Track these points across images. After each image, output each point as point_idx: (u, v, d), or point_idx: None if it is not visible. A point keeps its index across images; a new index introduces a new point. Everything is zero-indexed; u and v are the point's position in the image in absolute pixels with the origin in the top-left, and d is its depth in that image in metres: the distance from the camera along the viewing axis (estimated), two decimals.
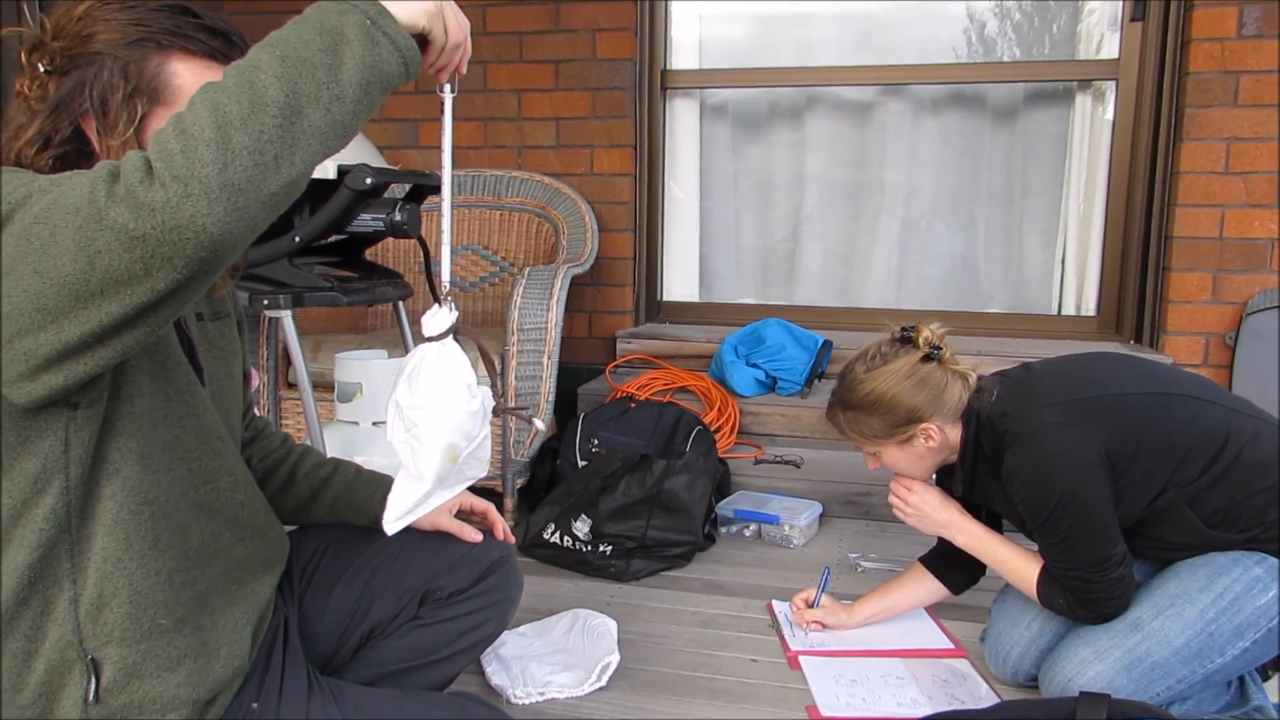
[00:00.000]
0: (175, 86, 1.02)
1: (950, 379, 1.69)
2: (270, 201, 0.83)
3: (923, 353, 1.69)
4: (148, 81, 1.01)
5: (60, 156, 1.01)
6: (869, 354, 1.74)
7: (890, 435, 1.71)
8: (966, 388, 1.70)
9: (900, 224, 3.63)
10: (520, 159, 3.57)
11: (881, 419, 1.70)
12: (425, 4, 0.92)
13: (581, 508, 2.42)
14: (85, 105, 1.01)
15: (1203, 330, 3.11)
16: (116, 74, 1.00)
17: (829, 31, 3.58)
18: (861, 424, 1.73)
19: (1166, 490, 1.59)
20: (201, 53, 1.04)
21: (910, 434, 1.70)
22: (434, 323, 1.06)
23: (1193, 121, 3.03)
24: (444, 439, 1.03)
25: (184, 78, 1.02)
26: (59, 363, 0.86)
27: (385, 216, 1.91)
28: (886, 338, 1.75)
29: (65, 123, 1.01)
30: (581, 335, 3.60)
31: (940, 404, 1.68)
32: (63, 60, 1.01)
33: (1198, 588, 1.59)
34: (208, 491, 1.11)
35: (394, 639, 1.41)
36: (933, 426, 1.69)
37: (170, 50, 1.02)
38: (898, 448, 1.74)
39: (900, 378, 1.68)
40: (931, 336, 1.70)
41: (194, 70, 1.03)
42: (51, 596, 0.99)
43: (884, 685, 1.79)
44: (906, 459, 1.75)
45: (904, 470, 1.79)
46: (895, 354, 1.70)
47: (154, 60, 1.02)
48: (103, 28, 1.01)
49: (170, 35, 1.02)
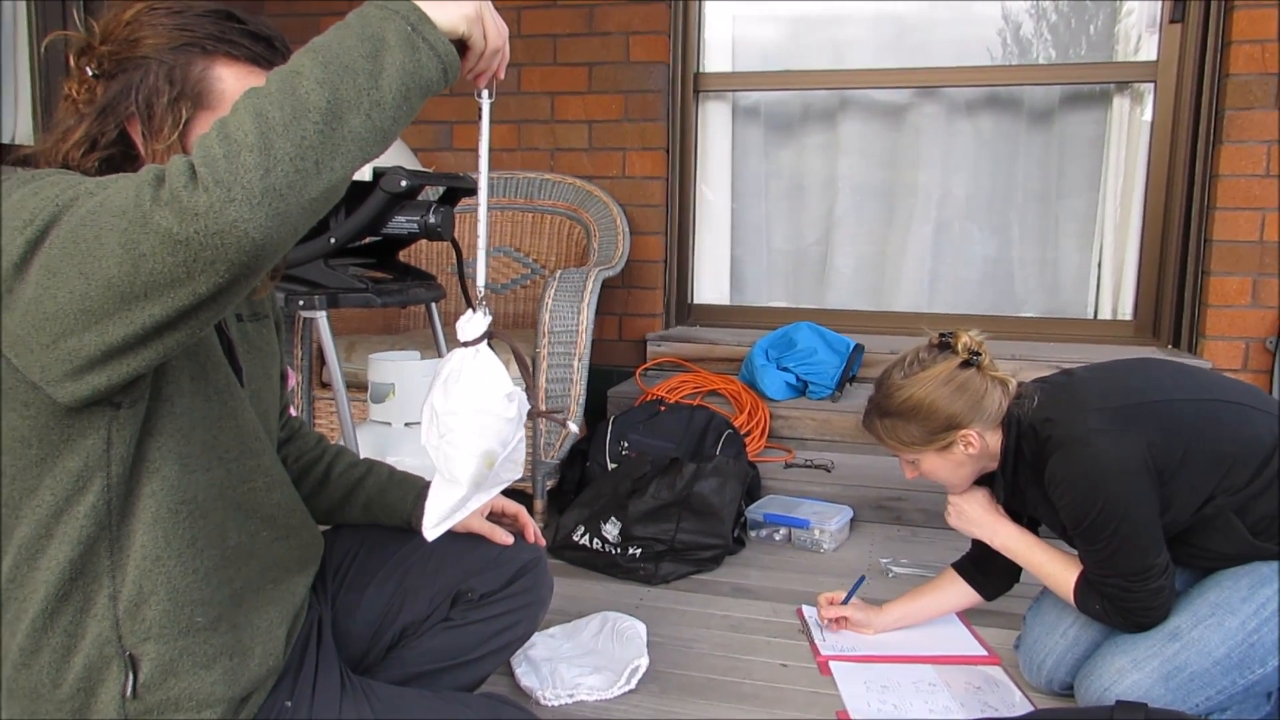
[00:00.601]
0: (219, 91, 1.04)
1: (990, 385, 1.67)
2: (311, 206, 0.84)
3: (962, 358, 1.67)
4: (192, 86, 1.03)
5: (106, 159, 1.03)
6: (906, 360, 1.72)
7: (929, 442, 1.70)
8: (1006, 394, 1.68)
9: (933, 227, 3.60)
10: (553, 161, 3.58)
11: (920, 426, 1.68)
12: (465, 9, 0.93)
13: (611, 510, 2.42)
14: (131, 109, 1.02)
15: (1242, 335, 3.05)
16: (162, 78, 1.02)
17: (862, 33, 3.57)
18: (900, 431, 1.71)
19: (1214, 498, 1.57)
20: (245, 57, 1.05)
21: (949, 441, 1.68)
22: (469, 327, 1.06)
23: (1233, 124, 2.99)
24: (480, 445, 1.04)
25: (227, 82, 1.04)
26: (102, 363, 0.87)
27: (419, 219, 1.93)
28: (924, 344, 1.73)
29: (111, 125, 1.03)
30: (612, 338, 3.61)
31: (980, 410, 1.66)
32: (110, 64, 1.03)
33: (1239, 597, 1.56)
34: (245, 491, 1.12)
35: (425, 639, 1.42)
36: (972, 433, 1.67)
37: (215, 55, 1.04)
38: (937, 455, 1.72)
39: (939, 384, 1.66)
40: (970, 342, 1.68)
41: (237, 75, 1.05)
42: (91, 593, 1.00)
43: (915, 691, 1.77)
44: (946, 467, 1.74)
45: (943, 479, 1.77)
46: (934, 360, 1.69)
47: (199, 65, 1.03)
48: (149, 33, 1.03)
49: (215, 40, 1.04)
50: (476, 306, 1.07)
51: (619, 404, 3.16)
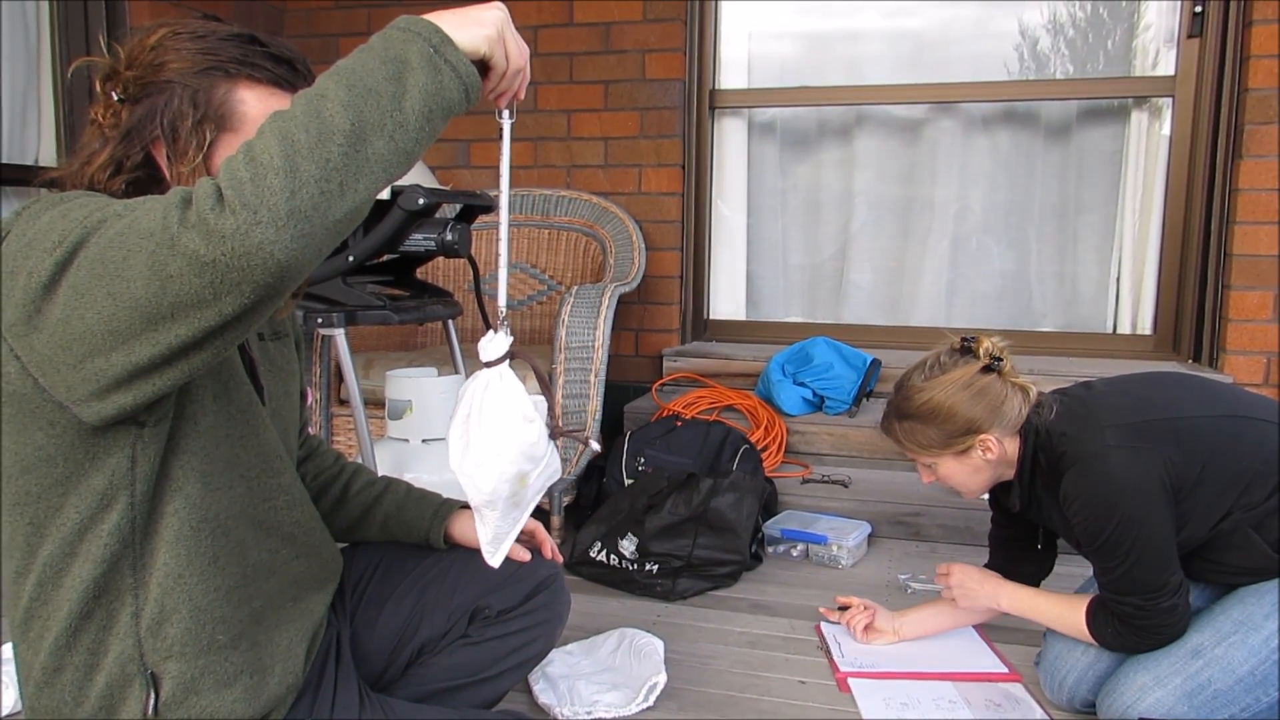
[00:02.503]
0: (242, 113, 1.05)
1: (1010, 391, 1.66)
2: (335, 228, 0.85)
3: (983, 363, 1.67)
4: (216, 109, 1.04)
5: (132, 182, 1.04)
6: (927, 363, 1.72)
7: (947, 446, 1.69)
8: (1026, 401, 1.67)
9: (950, 242, 3.59)
10: (569, 178, 3.60)
11: (939, 429, 1.68)
12: (486, 31, 0.94)
13: (628, 526, 2.42)
14: (156, 132, 1.04)
15: (1264, 350, 3.03)
16: (186, 101, 1.03)
17: (879, 49, 3.57)
18: (918, 434, 1.71)
19: (1232, 513, 1.56)
20: (267, 80, 1.07)
21: (968, 445, 1.68)
22: (490, 348, 1.07)
23: (1252, 138, 2.97)
24: (511, 469, 1.05)
25: (250, 105, 1.05)
26: (128, 383, 0.88)
27: (437, 236, 1.94)
28: (946, 348, 1.73)
29: (137, 148, 1.04)
30: (628, 353, 3.61)
31: (999, 416, 1.65)
32: (135, 89, 1.05)
33: (1263, 614, 1.55)
34: (266, 509, 1.13)
35: (443, 656, 1.42)
36: (991, 438, 1.66)
37: (237, 78, 1.05)
38: (954, 459, 1.71)
39: (959, 387, 1.66)
40: (992, 347, 1.68)
41: (260, 97, 1.06)
42: (114, 611, 1.01)
43: (935, 709, 1.76)
44: (963, 471, 1.73)
45: (959, 483, 1.77)
46: (955, 364, 1.69)
47: (222, 88, 1.05)
48: (174, 57, 1.04)
49: (238, 64, 1.05)
50: (498, 327, 1.08)
51: (635, 419, 3.16)
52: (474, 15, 0.94)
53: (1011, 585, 1.84)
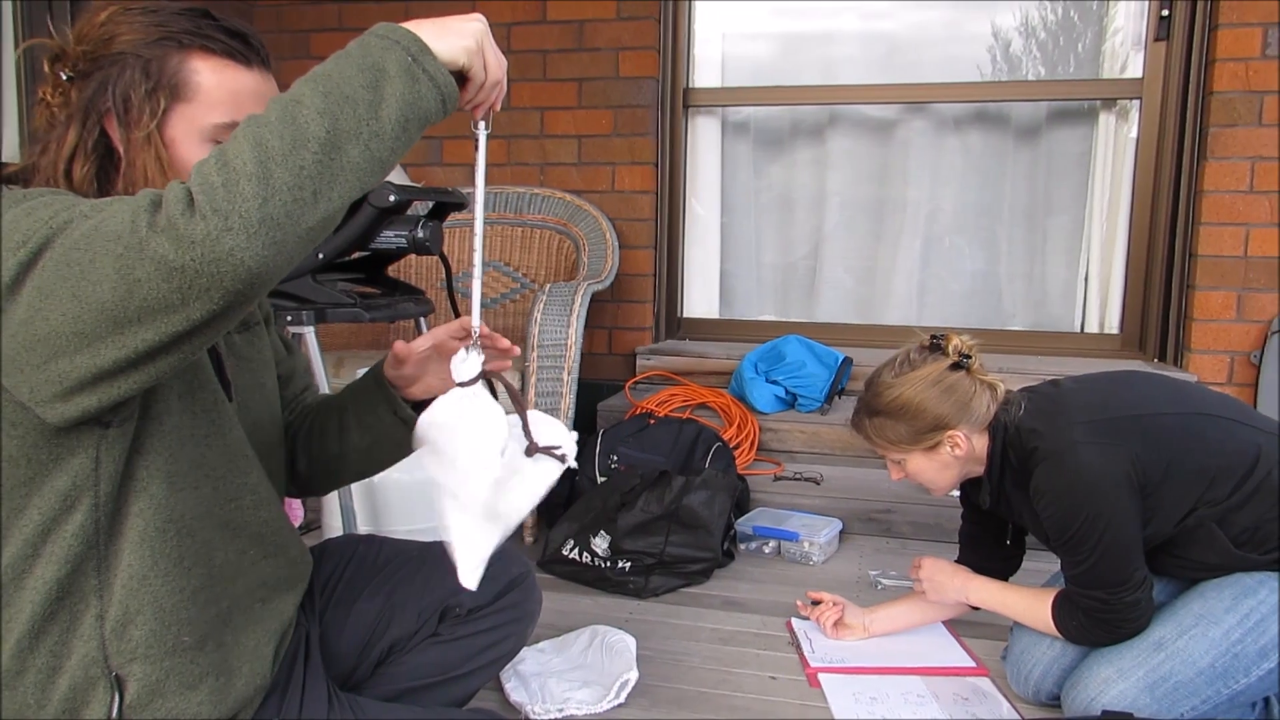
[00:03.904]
0: (195, 83, 1.03)
1: (979, 388, 1.68)
2: (307, 235, 0.84)
3: (952, 360, 1.69)
4: (169, 78, 1.02)
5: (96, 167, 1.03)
6: (897, 360, 1.74)
7: (916, 442, 1.71)
8: (995, 399, 1.70)
9: (922, 241, 3.62)
10: (542, 176, 3.59)
11: (908, 425, 1.70)
12: (466, 42, 0.94)
13: (600, 524, 2.42)
14: (108, 104, 1.02)
15: (1227, 349, 3.08)
16: (138, 71, 1.02)
17: (852, 50, 3.59)
18: (887, 430, 1.73)
19: (1196, 509, 1.59)
20: (221, 51, 1.05)
21: (936, 441, 1.70)
22: (463, 368, 1.06)
23: (1217, 140, 3.02)
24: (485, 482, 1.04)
25: (204, 75, 1.04)
26: (93, 385, 0.87)
27: (408, 233, 1.94)
28: (915, 345, 1.75)
29: (93, 125, 1.02)
30: (602, 351, 3.61)
31: (968, 412, 1.67)
32: (86, 64, 1.03)
33: (1223, 608, 1.58)
34: (232, 509, 1.12)
35: (414, 655, 1.42)
36: (959, 435, 1.68)
37: (190, 49, 1.04)
38: (923, 455, 1.73)
39: (928, 384, 1.67)
40: (961, 345, 1.70)
41: (214, 69, 1.04)
42: (78, 612, 1.00)
43: (904, 703, 1.78)
44: (931, 468, 1.75)
45: (928, 480, 1.78)
46: (924, 361, 1.71)
47: (174, 58, 1.03)
48: (124, 30, 1.03)
49: (190, 35, 1.04)
50: (470, 346, 1.07)
51: (608, 417, 3.17)
52: (454, 26, 0.94)
53: (981, 580, 1.86)
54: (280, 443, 1.31)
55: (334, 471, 1.37)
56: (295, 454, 1.36)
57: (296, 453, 1.36)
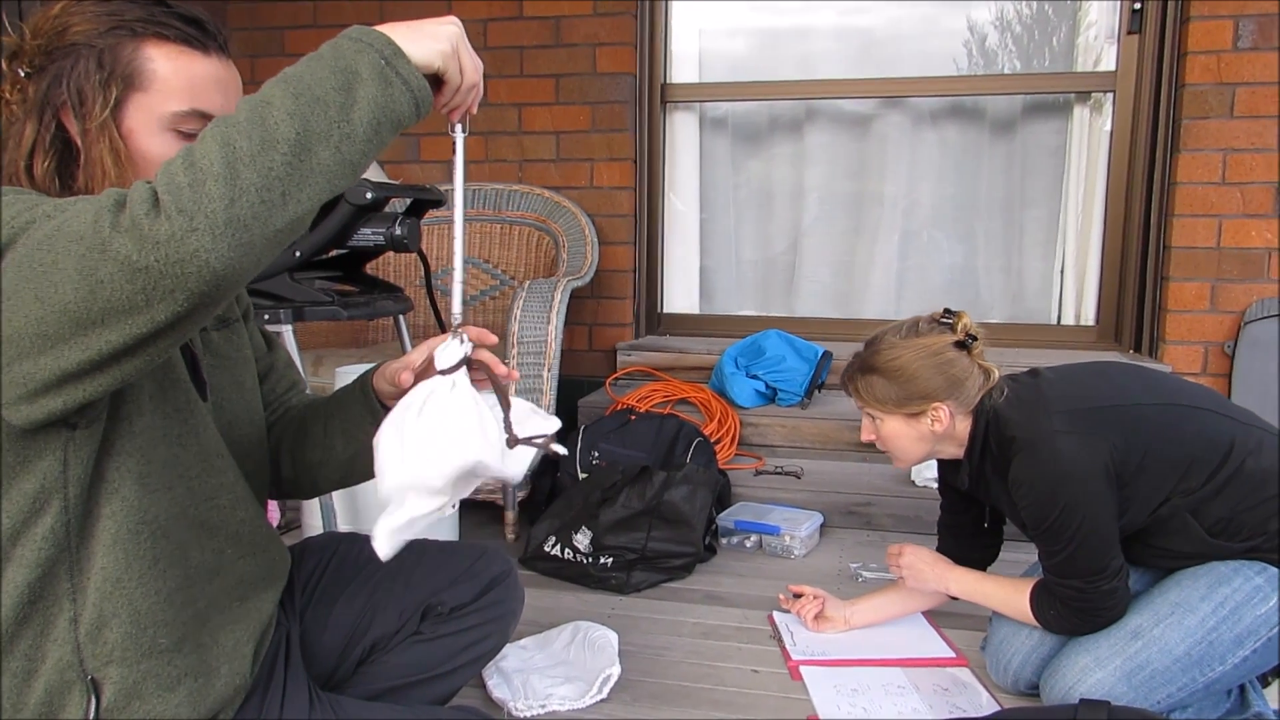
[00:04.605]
0: (150, 71, 1.02)
1: (975, 371, 1.70)
2: (276, 238, 0.84)
3: (958, 338, 1.71)
4: (123, 67, 1.01)
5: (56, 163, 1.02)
6: (904, 326, 1.76)
7: (901, 406, 1.72)
8: (986, 384, 1.72)
9: (900, 235, 3.63)
10: (521, 172, 3.58)
11: (899, 388, 1.71)
12: (440, 45, 0.93)
13: (582, 520, 2.43)
14: (63, 96, 1.01)
15: (1201, 339, 3.11)
16: (92, 62, 1.00)
17: (829, 46, 3.60)
18: (877, 388, 1.74)
19: (1171, 499, 1.60)
20: (176, 38, 1.04)
21: (921, 410, 1.71)
22: (445, 355, 1.05)
23: (1189, 133, 3.05)
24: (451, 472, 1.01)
25: (159, 63, 1.02)
26: (58, 388, 0.86)
27: (385, 231, 1.92)
28: (927, 315, 1.76)
29: (49, 119, 1.01)
30: (582, 348, 3.61)
31: (958, 390, 1.69)
32: (40, 58, 1.02)
33: (1199, 596, 1.59)
34: (208, 509, 1.11)
35: (396, 654, 1.41)
36: (944, 410, 1.70)
37: (144, 37, 1.02)
38: (902, 420, 1.74)
39: (928, 354, 1.69)
40: (970, 326, 1.73)
41: (169, 56, 1.03)
42: (51, 616, 0.99)
43: (885, 694, 1.79)
44: (907, 435, 1.76)
45: (899, 448, 1.79)
46: (930, 331, 1.73)
47: (128, 47, 1.02)
48: (78, 20, 1.01)
49: (144, 23, 1.02)
50: (452, 334, 1.07)
51: (589, 414, 3.17)
52: (428, 29, 0.93)
53: (960, 570, 1.88)
54: (261, 442, 1.29)
55: (315, 480, 1.36)
56: (279, 457, 1.34)
57: (280, 456, 1.34)
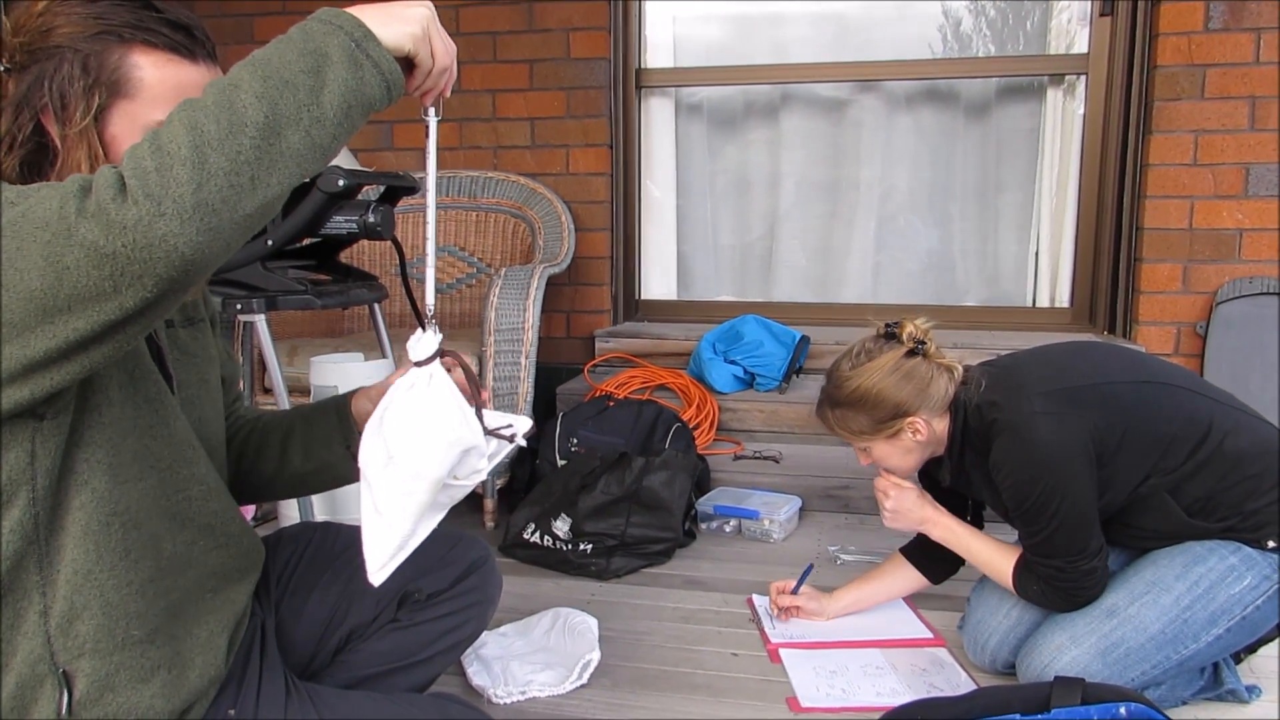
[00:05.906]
0: (136, 79, 1.00)
1: (936, 372, 1.70)
2: (245, 222, 0.83)
3: (907, 348, 1.70)
4: (109, 74, 0.99)
5: (26, 159, 1.00)
6: (854, 351, 1.75)
7: (878, 430, 1.72)
8: (953, 380, 1.71)
9: (876, 220, 3.64)
10: (496, 159, 3.56)
11: (869, 415, 1.71)
12: (411, 29, 0.92)
13: (561, 507, 2.42)
14: (44, 99, 0.98)
15: (1174, 320, 3.14)
16: (76, 66, 0.98)
17: (804, 31, 3.59)
18: (849, 421, 1.74)
19: (1149, 478, 1.61)
20: (163, 45, 1.02)
21: (897, 428, 1.71)
22: (419, 347, 1.05)
23: (1161, 114, 3.07)
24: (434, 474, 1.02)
25: (146, 71, 1.01)
26: (24, 377, 0.85)
27: (358, 218, 1.90)
28: (871, 334, 1.76)
29: (26, 119, 0.99)
30: (560, 335, 3.60)
31: (926, 397, 1.69)
32: (23, 56, 1.00)
33: (1174, 575, 1.61)
34: (179, 501, 1.10)
35: (373, 642, 1.41)
36: (919, 420, 1.70)
37: (131, 44, 1.00)
38: (886, 442, 1.75)
39: (885, 373, 1.69)
40: (915, 331, 1.71)
41: (156, 63, 1.01)
42: (21, 609, 0.98)
43: (863, 675, 1.80)
44: (895, 453, 1.77)
45: (893, 465, 1.80)
46: (880, 350, 1.72)
47: (115, 53, 1.00)
48: (63, 22, 0.99)
49: (132, 29, 1.00)
50: (427, 325, 1.06)
51: (568, 401, 3.16)
52: (399, 12, 0.92)
53: (947, 518, 1.82)
54: (224, 442, 1.29)
55: (260, 490, 1.36)
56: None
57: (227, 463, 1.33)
